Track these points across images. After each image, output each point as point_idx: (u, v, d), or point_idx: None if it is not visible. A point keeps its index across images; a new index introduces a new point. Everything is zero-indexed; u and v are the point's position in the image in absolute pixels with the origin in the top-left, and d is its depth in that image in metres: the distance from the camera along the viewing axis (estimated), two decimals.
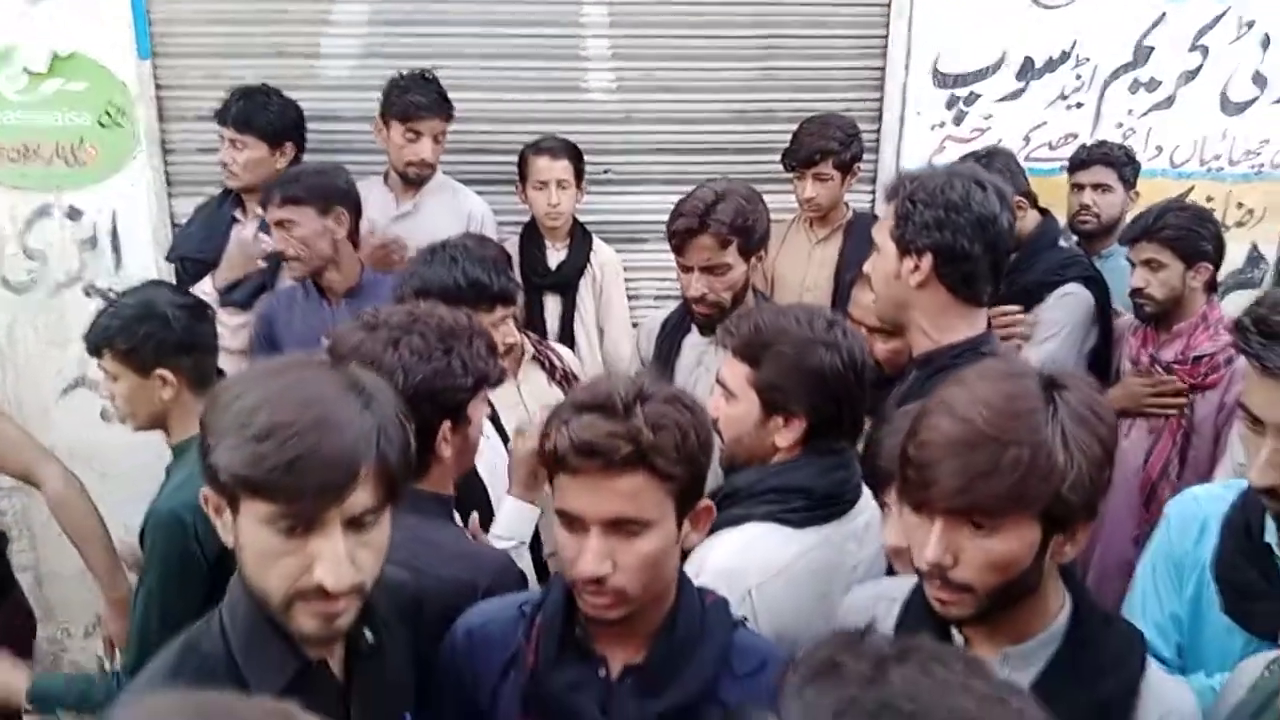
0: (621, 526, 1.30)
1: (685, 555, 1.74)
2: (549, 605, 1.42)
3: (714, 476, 1.50)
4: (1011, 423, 1.19)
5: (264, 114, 3.16)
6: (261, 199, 2.94)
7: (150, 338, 2.11)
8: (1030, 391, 1.22)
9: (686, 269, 2.50)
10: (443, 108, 3.24)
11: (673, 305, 2.81)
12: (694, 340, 2.64)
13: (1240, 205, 3.68)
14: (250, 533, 1.16)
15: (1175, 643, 1.63)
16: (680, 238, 2.47)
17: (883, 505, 1.68)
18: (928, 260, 1.93)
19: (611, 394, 1.30)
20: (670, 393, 1.36)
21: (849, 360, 1.74)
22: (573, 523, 1.32)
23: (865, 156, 3.40)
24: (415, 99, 3.19)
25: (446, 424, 1.68)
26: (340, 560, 1.15)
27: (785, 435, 1.76)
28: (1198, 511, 1.63)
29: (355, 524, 1.17)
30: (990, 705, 0.71)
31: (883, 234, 2.00)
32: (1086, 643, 1.30)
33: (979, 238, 1.92)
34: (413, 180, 3.31)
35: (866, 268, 2.10)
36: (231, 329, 3.09)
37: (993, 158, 3.11)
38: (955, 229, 1.90)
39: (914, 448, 1.26)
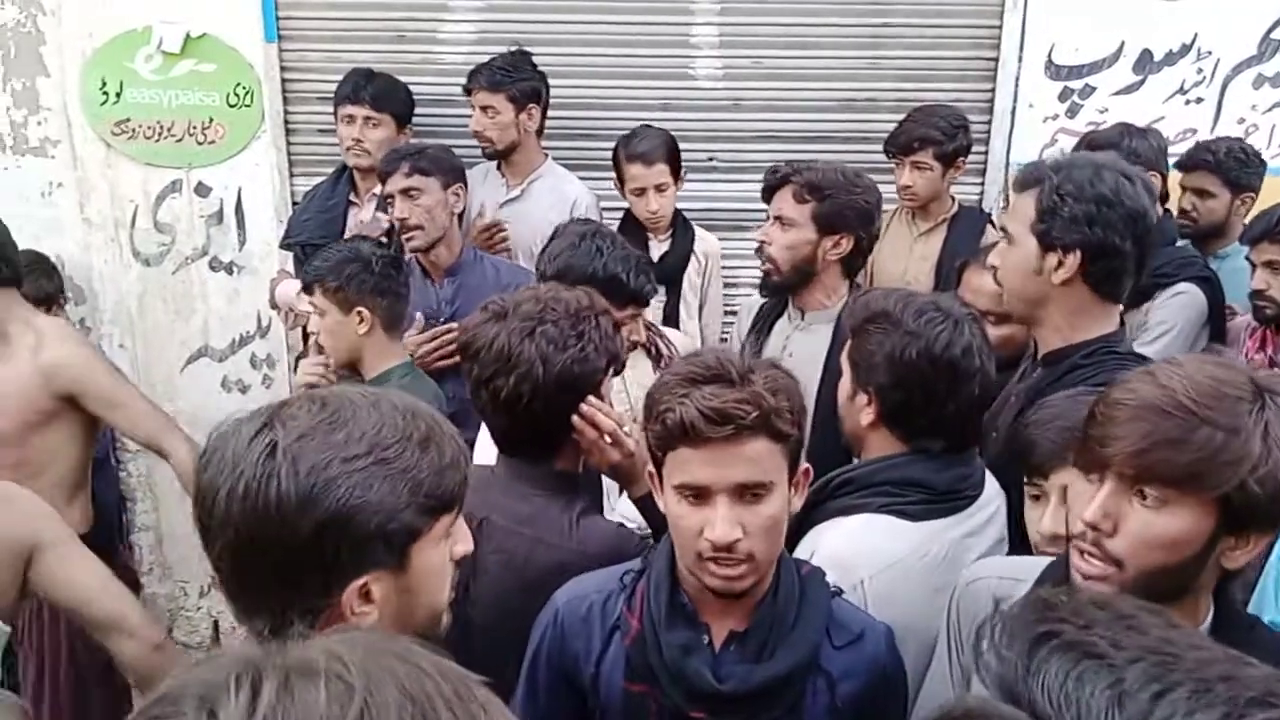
0: (748, 491, 1.36)
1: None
2: (655, 574, 1.46)
3: None
4: (1213, 402, 1.15)
5: (395, 94, 3.27)
6: (383, 170, 2.91)
7: (353, 277, 2.42)
8: (1241, 383, 1.18)
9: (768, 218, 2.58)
10: (494, 82, 3.19)
11: None
12: (783, 325, 2.66)
13: None
14: None
15: None
16: (770, 189, 2.55)
17: (1035, 498, 1.69)
18: (1075, 258, 1.86)
19: (724, 364, 1.37)
20: (768, 361, 1.46)
21: (927, 351, 1.67)
22: (698, 494, 1.37)
23: (975, 148, 3.36)
24: (476, 74, 3.23)
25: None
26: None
27: (866, 413, 1.74)
28: None
29: None
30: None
31: (1020, 226, 1.92)
32: None
33: (1129, 233, 1.86)
34: (490, 155, 3.33)
35: (994, 259, 2.04)
36: None
37: (1146, 133, 3.06)
38: (1106, 225, 1.84)
39: (1104, 406, 1.21)
